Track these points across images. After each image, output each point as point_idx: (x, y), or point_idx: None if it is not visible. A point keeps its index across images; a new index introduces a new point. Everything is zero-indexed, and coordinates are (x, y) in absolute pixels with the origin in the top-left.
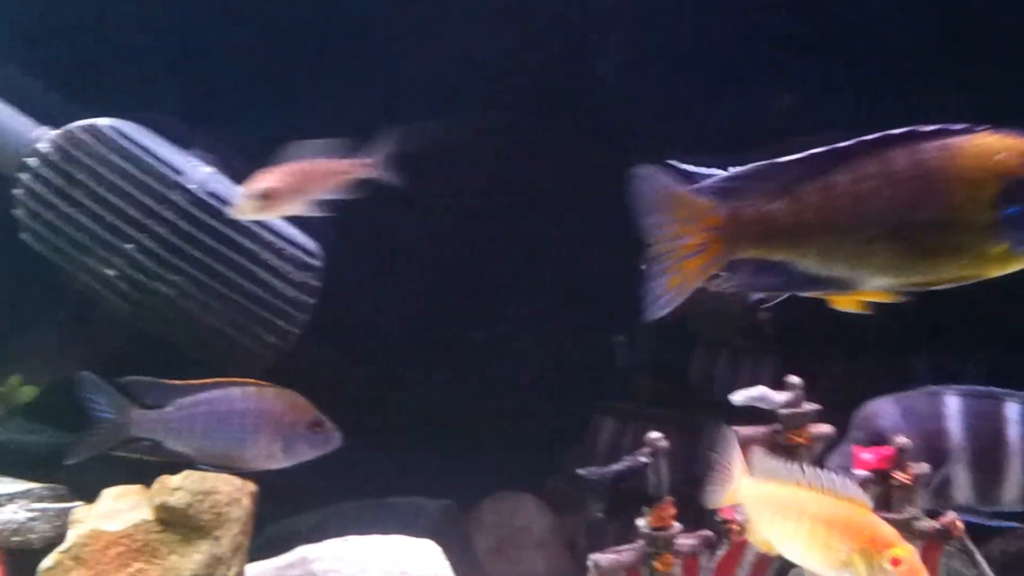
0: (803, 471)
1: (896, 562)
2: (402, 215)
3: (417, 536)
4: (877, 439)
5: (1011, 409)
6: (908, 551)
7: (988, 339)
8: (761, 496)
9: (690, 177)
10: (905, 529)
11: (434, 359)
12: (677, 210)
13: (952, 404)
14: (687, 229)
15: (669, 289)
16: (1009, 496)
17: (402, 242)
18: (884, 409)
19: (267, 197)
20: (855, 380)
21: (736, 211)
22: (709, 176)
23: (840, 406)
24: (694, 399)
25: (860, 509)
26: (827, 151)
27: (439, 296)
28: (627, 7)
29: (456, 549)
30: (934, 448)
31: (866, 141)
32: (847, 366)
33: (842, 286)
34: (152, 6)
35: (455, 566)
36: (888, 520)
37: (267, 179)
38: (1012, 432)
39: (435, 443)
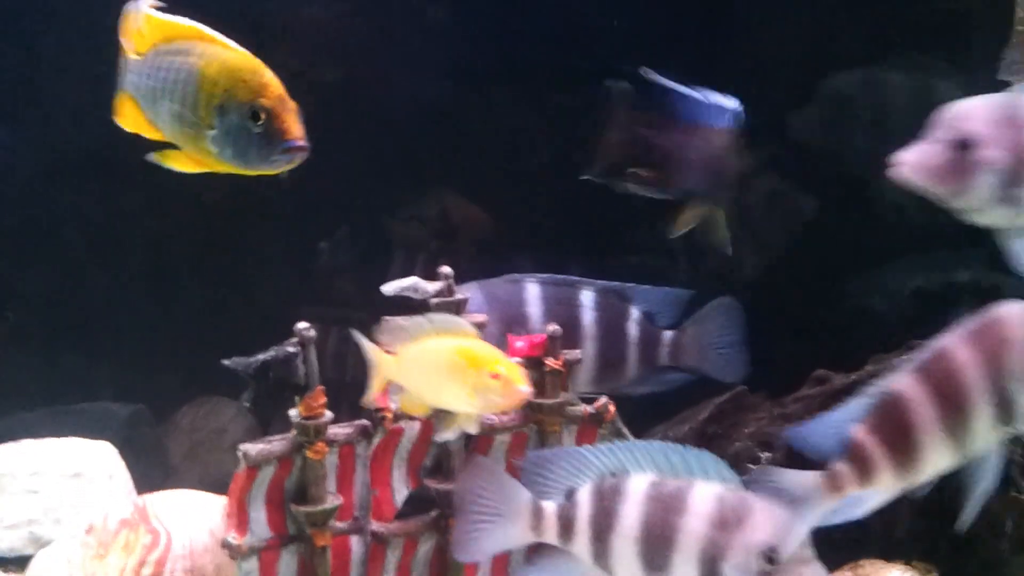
0: (420, 320)
1: (495, 376)
2: None
3: (107, 441)
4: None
5: (586, 296)
6: (509, 365)
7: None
8: (397, 364)
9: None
10: (560, 413)
11: (130, 263)
12: None
13: (532, 290)
14: None
15: None
16: (582, 378)
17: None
18: (469, 294)
19: None
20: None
21: None
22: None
23: None
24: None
25: (469, 338)
26: None
27: (125, 193)
28: None
29: (147, 454)
30: (516, 331)
31: None
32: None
33: None
34: None
35: (145, 470)
36: (542, 406)
37: None
38: (586, 317)
39: (136, 350)
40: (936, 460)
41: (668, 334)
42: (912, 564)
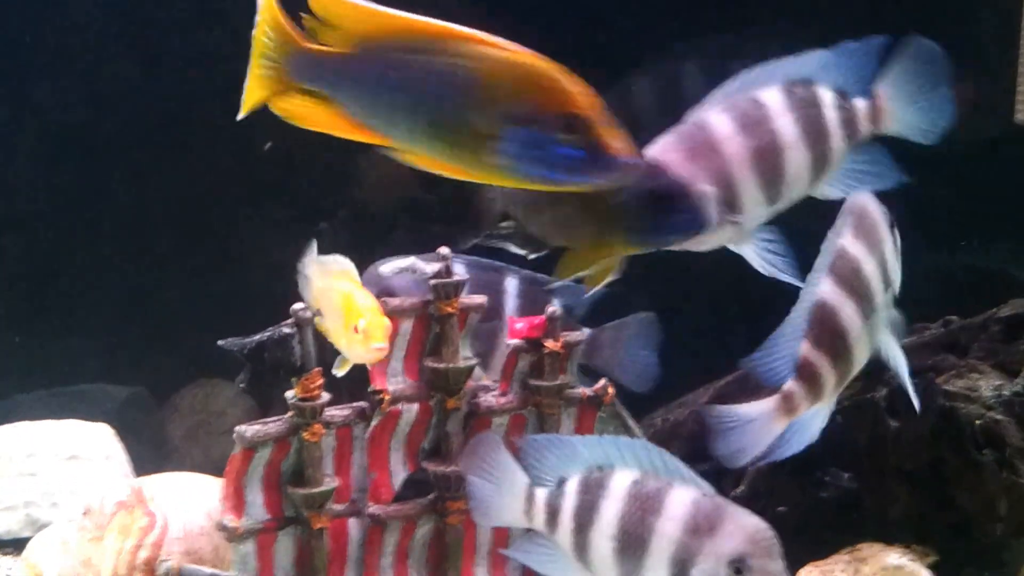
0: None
1: (356, 331)
2: None
3: (104, 423)
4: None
5: (510, 283)
6: (373, 322)
7: None
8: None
9: None
10: (558, 396)
11: (132, 246)
12: None
13: (457, 271)
14: None
15: None
16: (497, 363)
17: None
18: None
19: None
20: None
21: None
22: None
23: None
24: None
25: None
26: None
27: (125, 177)
28: None
29: (145, 436)
30: None
31: None
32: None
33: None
34: None
35: (143, 452)
36: (540, 387)
37: None
38: (509, 305)
39: (136, 332)
40: (862, 354)
41: (585, 331)
42: (910, 547)
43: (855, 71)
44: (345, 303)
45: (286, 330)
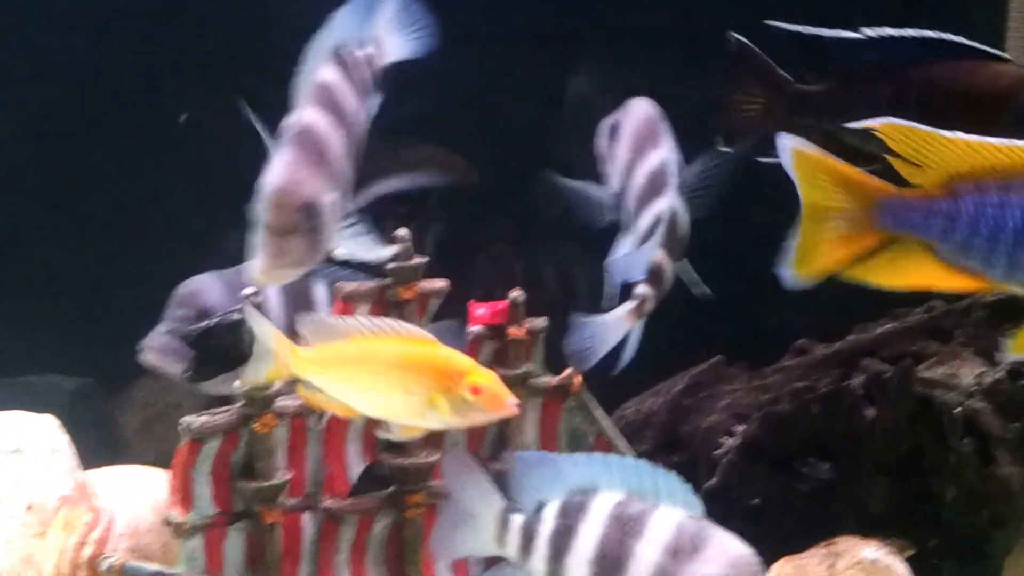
0: (358, 321)
1: (476, 391)
2: None
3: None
4: (203, 314)
5: (319, 291)
6: (488, 377)
7: None
8: (320, 360)
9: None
10: (522, 384)
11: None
12: None
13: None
14: None
15: None
16: None
17: None
18: (206, 284)
19: None
20: None
21: None
22: None
23: None
24: None
25: (428, 346)
26: None
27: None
28: None
29: (96, 429)
30: None
31: None
32: None
33: None
34: None
35: (92, 446)
36: (504, 377)
37: None
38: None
39: (85, 321)
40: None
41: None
42: (888, 540)
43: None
44: (439, 365)
45: (235, 316)
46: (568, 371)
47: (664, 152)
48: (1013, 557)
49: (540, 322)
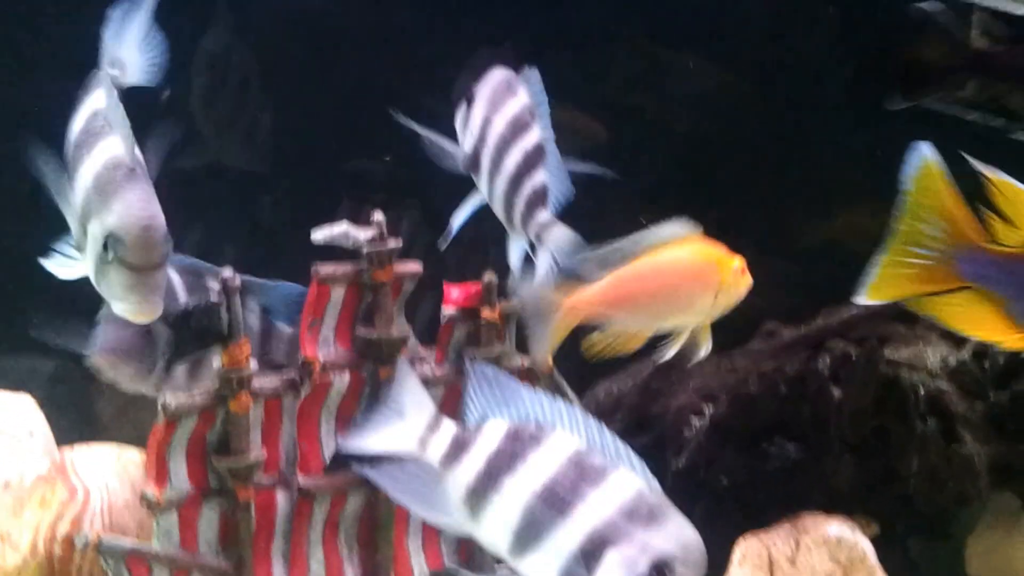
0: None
1: (743, 272)
2: None
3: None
4: None
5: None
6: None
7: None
8: (599, 296)
9: None
10: (496, 365)
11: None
12: None
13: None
14: None
15: None
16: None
17: None
18: None
19: None
20: None
21: None
22: None
23: None
24: None
25: (690, 245)
26: None
27: None
28: None
29: (73, 412)
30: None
31: None
32: None
33: None
34: None
35: (70, 428)
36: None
37: None
38: None
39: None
40: None
41: (288, 331)
42: (853, 518)
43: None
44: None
45: (213, 297)
46: None
47: (518, 110)
48: (976, 535)
49: (513, 305)
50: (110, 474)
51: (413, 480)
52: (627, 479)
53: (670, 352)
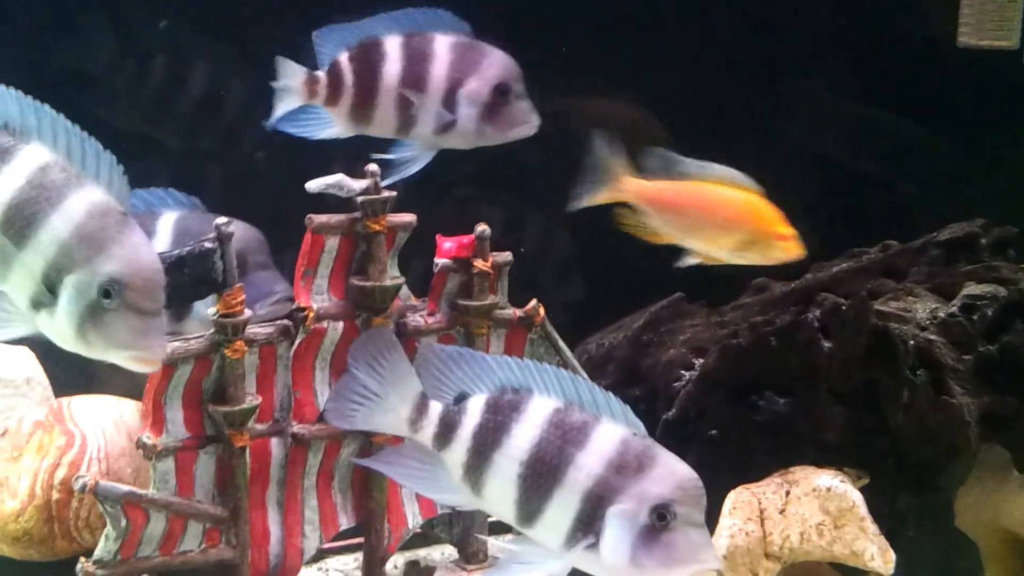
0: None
1: (782, 237)
2: None
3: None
4: None
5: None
6: (791, 229)
7: None
8: (652, 192)
9: None
10: (488, 316)
11: None
12: None
13: (167, 220)
14: None
15: None
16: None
17: None
18: None
19: None
20: None
21: None
22: None
23: None
24: None
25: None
26: None
27: None
28: None
29: (69, 363)
30: None
31: None
32: None
33: None
34: None
35: (67, 379)
36: (469, 308)
37: None
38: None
39: None
40: None
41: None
42: (843, 470)
43: None
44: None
45: (207, 245)
46: (533, 303)
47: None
48: (966, 487)
49: (505, 256)
50: (107, 422)
51: (416, 464)
52: (610, 432)
53: (689, 261)
